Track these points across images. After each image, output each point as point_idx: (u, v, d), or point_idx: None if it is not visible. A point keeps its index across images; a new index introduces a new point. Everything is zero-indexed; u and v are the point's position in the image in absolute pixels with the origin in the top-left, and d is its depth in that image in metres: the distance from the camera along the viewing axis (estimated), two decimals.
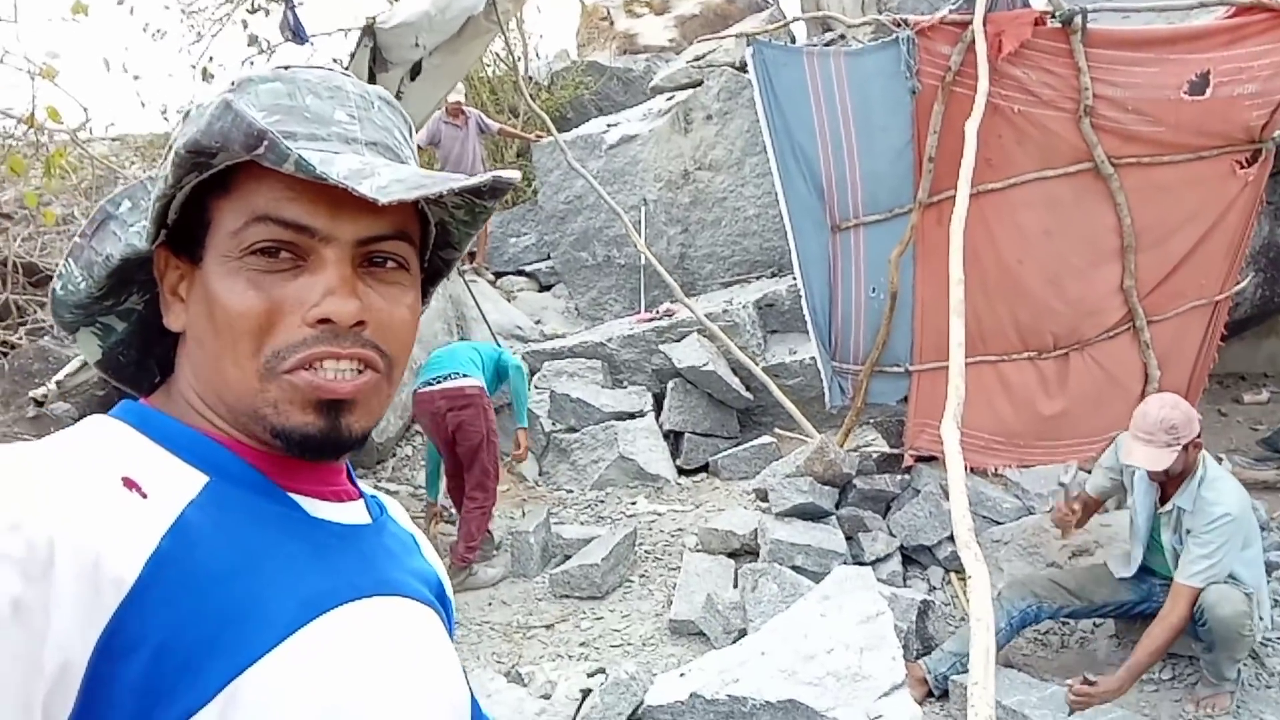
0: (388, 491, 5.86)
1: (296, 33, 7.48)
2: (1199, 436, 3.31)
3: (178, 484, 0.64)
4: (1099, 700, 3.22)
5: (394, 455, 6.37)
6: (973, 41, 4.13)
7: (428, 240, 0.78)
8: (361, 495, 0.79)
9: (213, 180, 0.67)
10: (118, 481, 0.60)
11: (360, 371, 0.68)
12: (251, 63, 10.52)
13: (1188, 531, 3.31)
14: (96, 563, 0.55)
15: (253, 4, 9.96)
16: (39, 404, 5.16)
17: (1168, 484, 3.40)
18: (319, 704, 0.62)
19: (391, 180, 0.64)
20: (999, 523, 4.49)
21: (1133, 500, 3.59)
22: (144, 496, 0.60)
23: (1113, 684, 3.22)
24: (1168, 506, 3.40)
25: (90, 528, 0.56)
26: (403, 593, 0.74)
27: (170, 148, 0.66)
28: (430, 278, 0.82)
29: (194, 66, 10.13)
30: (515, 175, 0.70)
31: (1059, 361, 4.51)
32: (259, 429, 0.68)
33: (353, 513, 0.76)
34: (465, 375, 4.97)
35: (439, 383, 4.96)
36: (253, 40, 9.73)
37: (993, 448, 4.51)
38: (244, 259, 0.67)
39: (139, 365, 0.79)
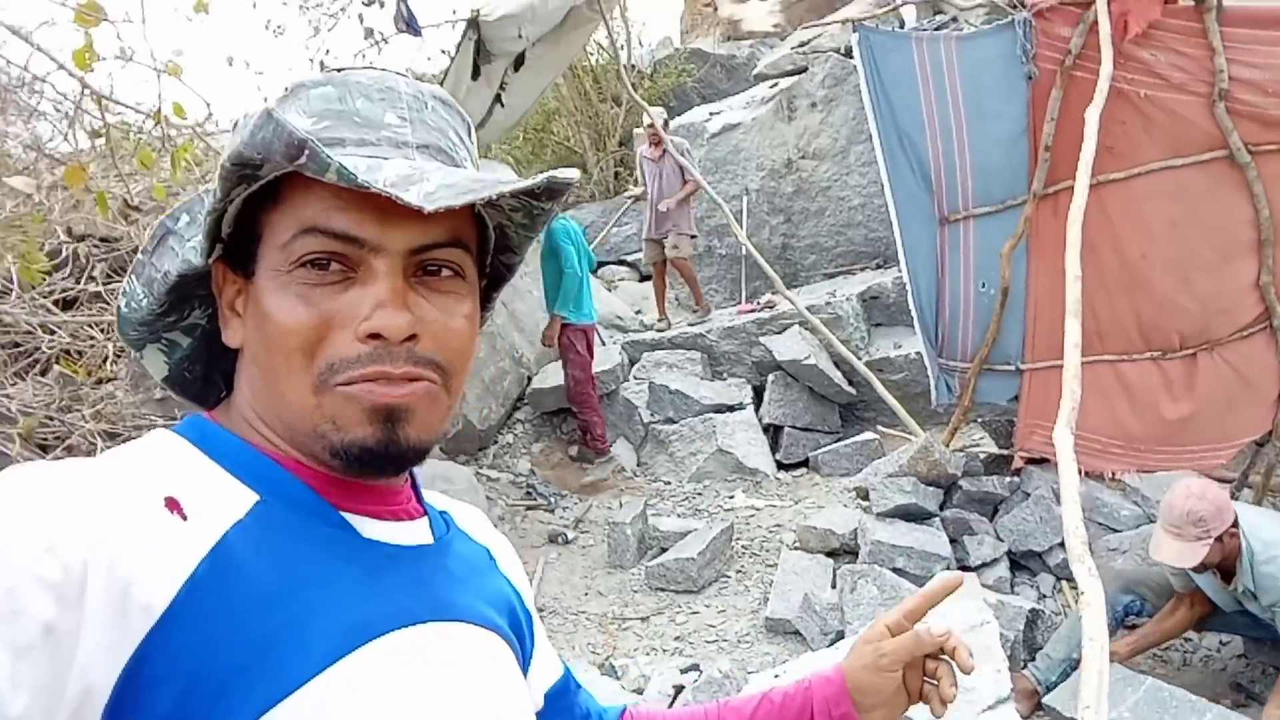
0: (488, 479, 5.96)
1: (410, 24, 7.64)
2: (1234, 525, 3.06)
3: (225, 504, 0.62)
4: None
5: (495, 442, 6.47)
6: (1095, 22, 3.92)
7: (486, 245, 0.75)
8: (427, 512, 0.77)
9: (263, 192, 0.66)
10: (159, 503, 0.58)
11: (414, 381, 0.66)
12: (364, 55, 10.83)
13: (1271, 606, 3.08)
14: (127, 588, 0.54)
15: None
16: None
17: (1220, 566, 3.16)
18: None
19: (440, 185, 0.61)
20: (1116, 530, 4.28)
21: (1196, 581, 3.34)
22: (184, 519, 0.59)
23: None
24: (1232, 586, 3.18)
25: (124, 552, 0.54)
26: (462, 618, 0.71)
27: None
28: (492, 283, 0.79)
29: (311, 61, 10.47)
30: (573, 174, 0.66)
31: (1185, 362, 4.25)
32: (318, 448, 0.66)
33: (413, 533, 0.73)
34: None
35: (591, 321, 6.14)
36: (368, 33, 9.99)
37: (1110, 451, 4.29)
38: (294, 272, 0.65)
39: (205, 380, 0.78)
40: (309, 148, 0.58)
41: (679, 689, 3.57)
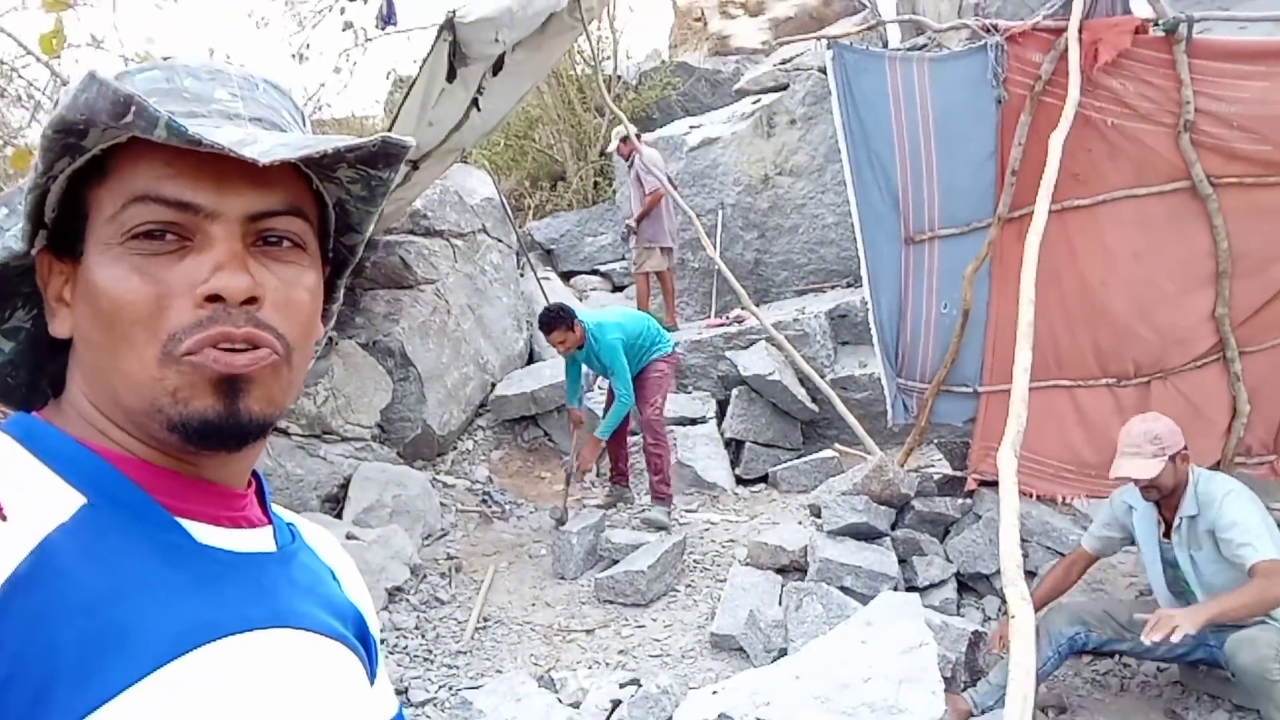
0: (444, 485, 5.88)
1: (388, 19, 7.63)
2: (1185, 449, 3.23)
3: (49, 506, 0.58)
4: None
5: (454, 449, 6.39)
6: (1066, 49, 3.92)
7: (328, 224, 0.73)
8: (272, 521, 0.73)
9: (89, 169, 0.63)
10: None
11: (255, 348, 0.63)
12: (348, 54, 10.81)
13: (1207, 532, 3.16)
14: None
15: None
16: None
17: (1164, 507, 3.30)
18: None
19: (275, 145, 0.60)
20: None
21: (1140, 552, 3.46)
22: (4, 519, 0.55)
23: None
24: (1175, 523, 3.26)
25: None
26: (304, 626, 0.67)
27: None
28: (336, 268, 0.77)
29: (293, 56, 10.42)
30: (409, 140, 0.64)
31: (1139, 390, 4.25)
32: (155, 425, 0.62)
33: (253, 540, 0.69)
34: None
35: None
36: (347, 26, 9.93)
37: (1063, 476, 4.27)
38: (126, 244, 0.62)
39: (31, 387, 0.74)
40: (135, 103, 0.56)
41: (616, 703, 3.51)
